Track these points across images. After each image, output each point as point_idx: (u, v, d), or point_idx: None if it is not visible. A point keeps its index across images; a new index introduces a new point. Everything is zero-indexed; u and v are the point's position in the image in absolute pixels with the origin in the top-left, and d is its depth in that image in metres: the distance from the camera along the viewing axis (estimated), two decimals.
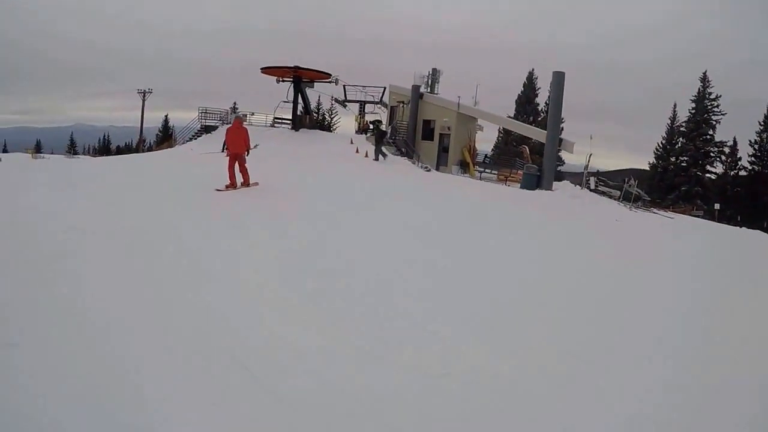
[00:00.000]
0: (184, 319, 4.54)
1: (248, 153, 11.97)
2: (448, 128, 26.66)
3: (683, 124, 41.57)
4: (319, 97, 40.53)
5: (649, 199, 26.59)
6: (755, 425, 3.86)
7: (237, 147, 11.66)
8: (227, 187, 11.33)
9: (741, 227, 26.04)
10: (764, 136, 39.84)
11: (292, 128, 30.11)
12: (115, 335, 4.07)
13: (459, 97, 26.82)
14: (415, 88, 28.12)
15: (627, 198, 24.06)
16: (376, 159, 21.63)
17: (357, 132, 30.72)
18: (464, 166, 25.93)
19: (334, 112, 49.99)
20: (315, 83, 31.66)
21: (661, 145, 42.56)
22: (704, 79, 40.95)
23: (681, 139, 41.30)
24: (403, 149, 26.57)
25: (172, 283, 5.36)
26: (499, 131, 40.78)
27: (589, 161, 24.62)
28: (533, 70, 45.10)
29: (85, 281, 5.13)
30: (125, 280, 5.29)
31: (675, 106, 43.21)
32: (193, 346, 4.03)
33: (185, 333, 4.26)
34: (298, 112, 31.10)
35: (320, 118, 48.59)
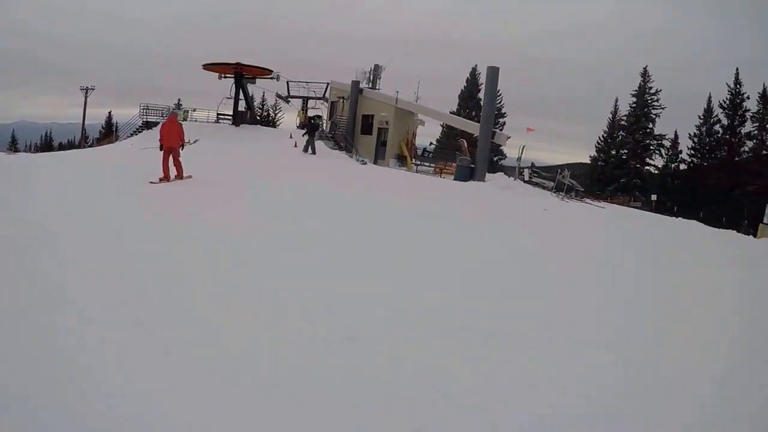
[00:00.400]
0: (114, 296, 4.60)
1: (182, 147, 12.41)
2: (387, 123, 26.83)
3: (624, 118, 42.67)
4: (264, 93, 40.24)
5: (582, 189, 27.17)
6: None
7: (171, 141, 12.05)
8: (161, 179, 11.67)
9: (677, 217, 26.92)
10: (703, 129, 41.22)
11: (233, 124, 29.96)
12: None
13: (397, 92, 27.02)
14: (355, 83, 28.24)
15: (560, 189, 24.50)
16: (305, 151, 21.69)
17: (298, 127, 30.62)
18: (402, 160, 26.06)
19: (278, 107, 49.85)
20: (257, 79, 31.59)
21: (602, 139, 43.66)
22: (645, 74, 42.21)
23: (621, 132, 42.40)
24: (342, 143, 26.61)
25: (98, 264, 5.45)
26: (442, 126, 40.98)
27: (522, 153, 25.07)
28: (476, 65, 45.76)
29: None
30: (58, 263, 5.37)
31: (616, 100, 44.50)
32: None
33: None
34: (241, 108, 31.04)
35: (264, 114, 48.25)
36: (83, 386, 3.07)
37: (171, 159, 11.97)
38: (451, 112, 38.23)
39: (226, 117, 31.24)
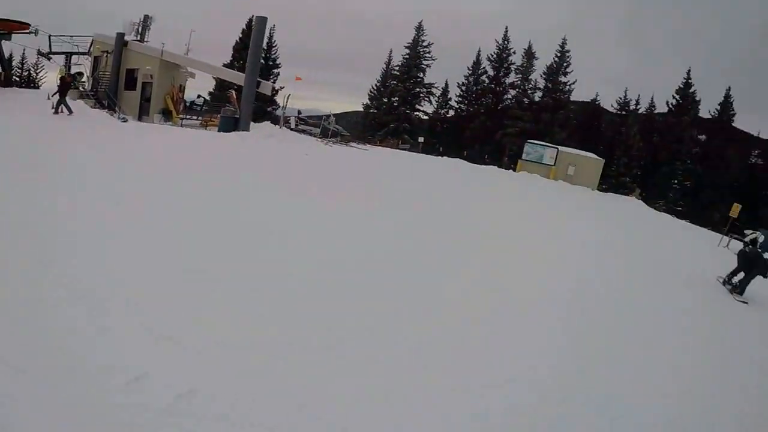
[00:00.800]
0: None
1: None
2: (151, 77, 26.85)
3: (396, 68, 46.76)
4: (24, 50, 36.85)
5: (348, 134, 29.98)
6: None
7: None
8: None
9: (442, 156, 30.88)
10: (471, 79, 46.73)
11: None
12: None
13: (163, 44, 27.15)
14: (120, 36, 27.49)
15: (325, 134, 26.88)
16: (57, 112, 21.13)
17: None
18: (167, 114, 26.54)
19: (41, 66, 43.36)
20: (13, 35, 28.99)
21: (375, 87, 47.56)
22: (419, 28, 46.21)
23: (393, 81, 46.47)
24: (104, 101, 26.31)
25: None
26: (215, 78, 40.93)
27: (287, 102, 27.09)
28: (253, 16, 44.91)
29: None
30: None
31: (390, 51, 48.51)
32: None
33: None
34: None
35: (25, 74, 43.93)
36: None
37: None
38: (224, 64, 38.51)
39: None
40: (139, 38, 28.57)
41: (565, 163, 23.67)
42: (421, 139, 39.32)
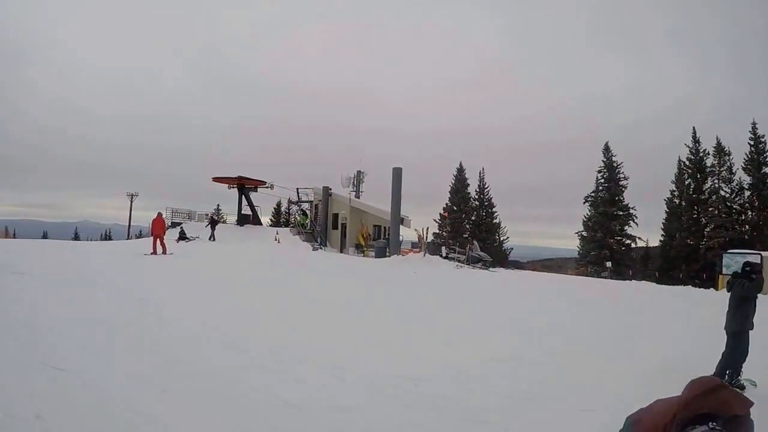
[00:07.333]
0: None
1: (164, 233, 21.87)
2: (345, 219, 34.23)
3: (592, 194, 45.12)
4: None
5: (491, 259, 30.93)
6: None
7: (158, 230, 21.23)
8: (152, 253, 20.25)
9: (630, 280, 29.33)
10: (675, 193, 41.55)
11: (238, 224, 37.28)
12: None
13: (351, 192, 35.77)
14: (325, 188, 35.83)
15: (469, 260, 27.95)
16: (210, 239, 29.87)
17: (292, 226, 38.87)
18: (359, 247, 32.46)
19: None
20: (257, 188, 38.46)
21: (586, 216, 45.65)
22: (606, 150, 44.78)
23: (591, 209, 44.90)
24: (317, 237, 34.67)
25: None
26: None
27: (425, 234, 31.78)
28: (461, 162, 52.92)
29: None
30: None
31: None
32: None
33: None
34: (244, 212, 38.40)
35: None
36: None
37: (159, 241, 20.72)
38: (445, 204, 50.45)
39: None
40: (353, 188, 37.28)
41: None
42: (608, 264, 38.31)
